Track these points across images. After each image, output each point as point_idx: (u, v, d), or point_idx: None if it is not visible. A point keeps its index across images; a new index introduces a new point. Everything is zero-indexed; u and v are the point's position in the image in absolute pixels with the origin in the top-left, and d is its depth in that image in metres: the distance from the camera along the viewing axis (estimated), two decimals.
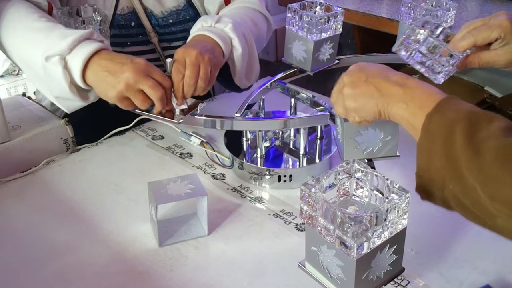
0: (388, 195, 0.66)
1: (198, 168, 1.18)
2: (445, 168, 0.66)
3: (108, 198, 1.08)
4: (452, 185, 0.65)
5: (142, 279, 0.88)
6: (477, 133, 0.64)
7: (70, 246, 0.95)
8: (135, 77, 0.98)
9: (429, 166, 0.68)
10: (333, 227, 0.64)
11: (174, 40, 1.41)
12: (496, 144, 0.62)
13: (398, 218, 0.66)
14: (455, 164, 0.64)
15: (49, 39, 1.03)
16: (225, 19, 1.15)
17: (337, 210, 0.62)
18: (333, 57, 1.21)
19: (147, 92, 0.99)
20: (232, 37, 1.13)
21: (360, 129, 0.86)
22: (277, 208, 1.06)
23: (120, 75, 0.98)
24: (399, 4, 1.92)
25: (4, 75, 1.90)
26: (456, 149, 0.64)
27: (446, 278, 0.88)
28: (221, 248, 0.96)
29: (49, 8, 1.15)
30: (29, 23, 1.07)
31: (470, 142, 0.63)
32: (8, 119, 1.18)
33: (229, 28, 1.13)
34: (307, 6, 1.17)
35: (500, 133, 0.62)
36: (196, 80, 1.04)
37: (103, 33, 1.15)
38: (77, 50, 1.01)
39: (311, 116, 1.10)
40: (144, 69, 0.99)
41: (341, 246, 0.64)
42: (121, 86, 0.98)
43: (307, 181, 0.67)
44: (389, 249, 0.67)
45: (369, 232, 0.62)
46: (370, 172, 0.70)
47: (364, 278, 0.66)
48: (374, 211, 0.62)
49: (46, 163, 1.18)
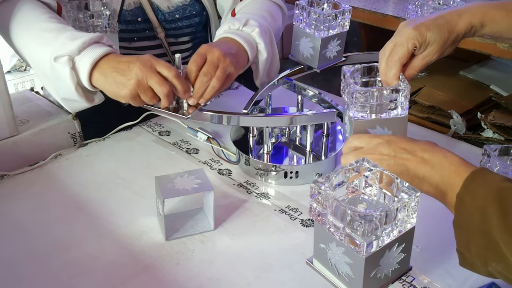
0: (397, 193, 0.67)
1: (204, 164, 1.18)
2: (485, 249, 0.67)
3: (115, 193, 1.09)
4: (495, 263, 0.66)
5: (148, 273, 0.89)
6: (509, 216, 0.64)
7: (77, 240, 0.96)
8: (143, 73, 0.98)
9: (469, 245, 0.69)
10: (343, 225, 0.64)
11: (180, 35, 1.42)
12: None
13: (407, 217, 0.66)
14: (495, 245, 0.65)
15: (58, 40, 1.04)
16: (252, 23, 1.15)
17: (347, 208, 0.63)
18: (339, 54, 1.21)
19: (154, 88, 1.00)
20: (259, 42, 1.13)
21: (368, 127, 0.86)
22: (282, 204, 1.06)
23: (129, 73, 0.99)
24: (405, 2, 1.93)
25: (12, 71, 1.90)
26: (492, 231, 0.65)
27: (451, 274, 0.88)
28: (227, 243, 0.96)
29: (59, 9, 1.16)
30: (40, 24, 1.08)
31: (505, 224, 0.64)
32: (16, 113, 1.18)
33: (256, 32, 1.13)
34: (314, 3, 1.17)
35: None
36: (210, 78, 1.03)
37: (112, 27, 1.15)
38: (86, 52, 1.02)
39: (317, 113, 1.11)
40: (150, 63, 1.00)
41: (350, 244, 0.64)
42: (132, 84, 0.99)
43: (317, 179, 0.67)
44: (398, 248, 0.67)
45: (379, 231, 0.63)
46: (379, 171, 0.70)
47: (373, 276, 0.66)
48: (384, 209, 0.63)
49: (53, 157, 1.19)
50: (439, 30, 0.88)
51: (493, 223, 0.65)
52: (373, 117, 0.85)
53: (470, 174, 0.72)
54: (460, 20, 0.88)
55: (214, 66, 1.03)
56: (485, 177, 0.71)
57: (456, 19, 0.88)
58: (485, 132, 1.66)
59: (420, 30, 0.87)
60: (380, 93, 0.84)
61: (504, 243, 0.64)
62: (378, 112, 0.85)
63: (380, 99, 0.84)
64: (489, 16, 0.87)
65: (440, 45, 0.89)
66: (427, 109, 1.78)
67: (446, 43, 0.89)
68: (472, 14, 0.88)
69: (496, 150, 1.04)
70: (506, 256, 0.64)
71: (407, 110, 0.87)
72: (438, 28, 0.88)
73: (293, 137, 1.22)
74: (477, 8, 0.88)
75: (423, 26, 0.88)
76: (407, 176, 0.76)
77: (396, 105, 0.85)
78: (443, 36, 0.88)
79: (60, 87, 1.06)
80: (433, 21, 0.88)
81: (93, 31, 1.13)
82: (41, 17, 1.09)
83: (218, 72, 1.03)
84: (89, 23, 1.14)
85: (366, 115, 0.85)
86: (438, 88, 1.85)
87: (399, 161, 0.78)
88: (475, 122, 1.73)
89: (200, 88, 1.04)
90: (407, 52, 0.89)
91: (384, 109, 0.85)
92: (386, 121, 0.86)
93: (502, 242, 0.64)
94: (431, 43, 0.88)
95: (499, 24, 0.87)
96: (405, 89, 0.85)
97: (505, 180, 0.69)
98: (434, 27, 0.88)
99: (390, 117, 0.85)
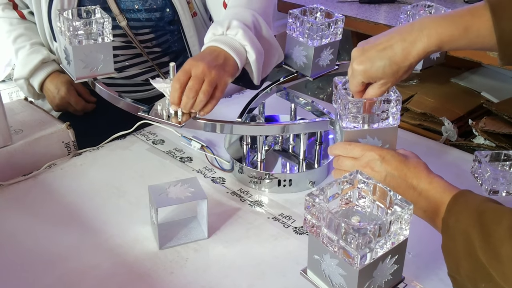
0: (390, 206, 0.68)
1: (198, 172, 1.19)
2: (473, 271, 0.69)
3: (109, 202, 1.09)
4: (484, 283, 0.68)
5: (142, 282, 0.89)
6: (489, 238, 0.66)
7: (71, 249, 0.96)
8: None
9: (458, 268, 0.71)
10: (337, 238, 0.65)
11: (141, 27, 1.43)
12: (510, 249, 0.64)
13: (400, 230, 0.67)
14: (481, 267, 0.67)
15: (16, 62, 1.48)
16: (234, 24, 1.11)
17: (341, 221, 0.63)
18: (332, 62, 1.22)
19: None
20: (245, 44, 1.10)
21: (359, 137, 0.87)
22: (276, 212, 1.07)
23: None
24: (397, 11, 1.94)
25: (6, 80, 1.89)
26: (477, 253, 0.67)
27: (443, 281, 0.89)
28: (220, 251, 0.97)
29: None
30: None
31: (487, 248, 0.66)
32: (10, 123, 1.18)
33: (240, 35, 1.09)
34: (308, 12, 1.18)
35: (510, 235, 0.65)
36: (196, 93, 1.01)
37: (105, 34, 1.15)
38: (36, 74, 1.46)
39: (310, 122, 1.11)
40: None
41: (344, 256, 0.65)
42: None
43: (312, 191, 0.68)
44: (391, 259, 0.68)
45: (372, 243, 0.64)
46: (372, 183, 0.71)
47: (366, 287, 0.67)
48: (378, 223, 0.63)
49: (47, 167, 1.19)
50: (386, 63, 0.82)
51: (476, 245, 0.67)
52: (365, 127, 0.86)
53: (453, 197, 0.74)
54: (413, 49, 0.80)
55: (200, 81, 1.02)
56: (466, 199, 0.73)
57: (409, 48, 0.81)
58: (476, 139, 1.67)
59: (365, 66, 0.83)
60: (371, 104, 0.85)
61: (489, 265, 0.66)
62: (370, 122, 0.86)
63: (372, 109, 0.85)
64: (446, 37, 0.79)
65: (390, 78, 0.83)
66: (419, 116, 1.79)
67: (397, 73, 0.83)
68: (428, 38, 0.79)
69: (487, 156, 1.06)
70: (493, 277, 0.66)
71: (399, 120, 0.87)
72: (385, 61, 0.82)
73: (286, 145, 1.23)
74: (433, 28, 0.79)
75: (368, 61, 0.83)
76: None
77: (387, 115, 0.86)
78: (391, 69, 0.82)
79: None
80: (380, 53, 0.82)
81: (87, 38, 1.13)
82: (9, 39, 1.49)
83: (204, 87, 1.02)
84: (84, 31, 1.14)
85: (358, 125, 0.86)
86: (430, 95, 1.86)
87: (389, 184, 0.80)
88: (466, 129, 1.74)
89: (188, 103, 1.02)
90: (359, 84, 0.86)
91: (376, 120, 0.86)
92: (376, 131, 0.86)
93: (487, 264, 0.66)
94: (379, 77, 0.84)
95: (457, 42, 0.79)
96: (396, 99, 0.85)
97: (485, 201, 0.71)
98: (380, 60, 0.82)
99: (380, 127, 0.86)
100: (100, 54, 1.16)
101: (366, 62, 0.83)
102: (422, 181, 0.79)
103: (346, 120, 0.86)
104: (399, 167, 0.80)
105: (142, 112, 1.07)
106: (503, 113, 1.66)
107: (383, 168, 0.81)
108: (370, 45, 0.83)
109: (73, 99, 1.45)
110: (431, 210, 0.77)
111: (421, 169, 0.80)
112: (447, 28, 0.79)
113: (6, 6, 1.49)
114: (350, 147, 0.85)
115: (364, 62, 0.83)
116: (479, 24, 0.77)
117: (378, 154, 0.82)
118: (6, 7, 1.49)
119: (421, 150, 0.88)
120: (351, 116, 0.85)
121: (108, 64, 1.18)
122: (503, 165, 1.06)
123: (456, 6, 0.86)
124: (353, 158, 0.84)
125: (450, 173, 0.83)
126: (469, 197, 0.73)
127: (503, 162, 1.06)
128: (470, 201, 0.72)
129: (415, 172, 0.80)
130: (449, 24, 0.79)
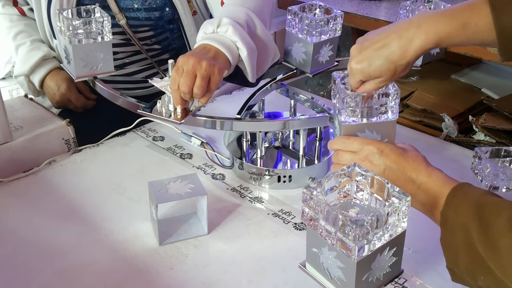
0: (388, 198, 0.68)
1: (198, 169, 1.19)
2: (471, 263, 0.69)
3: (109, 198, 1.09)
4: (483, 276, 0.68)
5: (142, 277, 0.90)
6: (488, 231, 0.66)
7: (72, 246, 0.97)
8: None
9: (457, 261, 0.71)
10: (335, 230, 0.65)
11: (140, 26, 1.44)
12: (509, 241, 0.64)
13: (398, 222, 0.67)
14: (480, 260, 0.67)
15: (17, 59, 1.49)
16: (224, 21, 1.11)
17: (339, 213, 0.63)
18: (332, 59, 1.22)
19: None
20: (236, 40, 1.10)
21: (358, 131, 0.87)
22: (276, 208, 1.07)
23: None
24: (397, 7, 1.93)
25: (6, 77, 1.90)
26: (476, 246, 0.67)
27: (443, 276, 0.88)
28: (220, 247, 0.97)
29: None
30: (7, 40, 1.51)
31: (486, 240, 0.66)
32: (10, 120, 1.19)
33: (231, 31, 1.09)
34: (307, 8, 1.18)
35: (510, 227, 0.65)
36: (190, 89, 1.02)
37: (105, 33, 1.15)
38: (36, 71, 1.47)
39: (310, 117, 1.11)
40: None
41: (342, 248, 0.65)
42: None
43: (309, 184, 0.68)
44: (389, 251, 0.68)
45: (370, 235, 0.64)
46: (370, 175, 0.71)
47: (364, 279, 0.67)
48: (375, 214, 0.63)
49: (48, 164, 1.19)
50: (383, 63, 0.82)
51: (475, 238, 0.67)
52: (364, 121, 0.86)
53: (452, 190, 0.74)
54: (410, 46, 0.80)
55: (192, 75, 1.02)
56: (465, 192, 0.73)
57: (406, 46, 0.81)
58: (477, 135, 1.67)
59: (363, 65, 0.83)
60: (370, 98, 0.85)
61: (487, 258, 0.66)
62: (368, 116, 0.86)
63: (370, 103, 0.85)
64: (444, 34, 0.78)
65: (388, 76, 0.84)
66: (419, 113, 1.79)
67: (395, 71, 0.83)
68: (425, 35, 0.79)
69: (487, 153, 1.06)
70: (492, 270, 0.66)
71: (397, 114, 0.87)
72: (383, 60, 0.82)
73: (286, 142, 1.23)
74: (431, 25, 0.79)
75: (366, 60, 0.83)
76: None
77: (386, 109, 0.86)
78: (389, 69, 0.83)
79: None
80: (378, 51, 0.83)
81: (87, 37, 1.14)
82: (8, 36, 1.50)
83: (197, 81, 1.02)
84: (83, 30, 1.14)
85: (357, 119, 0.86)
86: (430, 91, 1.85)
87: (388, 177, 0.80)
88: (466, 125, 1.74)
89: (183, 100, 1.04)
90: (357, 82, 0.86)
91: (375, 113, 0.86)
92: (375, 125, 0.86)
93: (485, 256, 0.66)
94: (376, 76, 0.84)
95: (455, 38, 0.79)
96: (395, 93, 0.85)
97: (484, 194, 0.71)
98: (377, 59, 0.82)
99: (379, 121, 0.86)
100: (100, 53, 1.16)
101: (363, 62, 0.83)
102: (421, 174, 0.79)
103: (344, 114, 0.86)
104: (397, 160, 0.81)
105: (142, 109, 1.08)
106: (504, 110, 1.66)
107: (381, 162, 0.81)
108: (368, 43, 0.84)
109: (73, 96, 1.46)
110: (430, 203, 0.77)
111: (420, 162, 0.80)
112: (445, 24, 0.78)
113: (6, 3, 1.50)
114: (349, 141, 0.85)
115: (362, 62, 0.84)
116: (478, 19, 0.77)
117: (376, 147, 0.82)
118: (6, 4, 1.50)
119: (421, 147, 0.88)
120: (349, 110, 0.85)
121: (108, 63, 1.18)
122: (503, 161, 1.06)
123: (456, 1, 0.85)
124: (352, 152, 0.85)
125: (450, 169, 0.83)
126: (468, 190, 0.73)
127: (503, 158, 1.06)
128: (469, 194, 0.73)
129: (414, 165, 0.80)
130: (447, 20, 0.79)
